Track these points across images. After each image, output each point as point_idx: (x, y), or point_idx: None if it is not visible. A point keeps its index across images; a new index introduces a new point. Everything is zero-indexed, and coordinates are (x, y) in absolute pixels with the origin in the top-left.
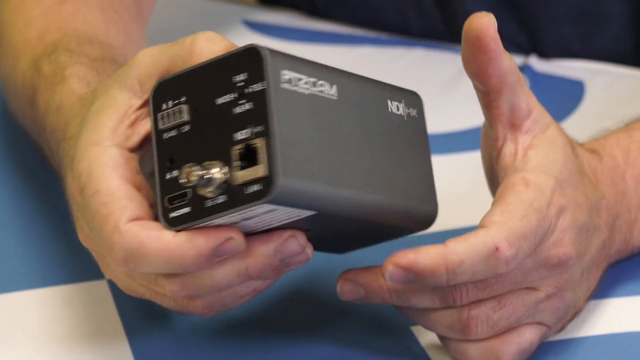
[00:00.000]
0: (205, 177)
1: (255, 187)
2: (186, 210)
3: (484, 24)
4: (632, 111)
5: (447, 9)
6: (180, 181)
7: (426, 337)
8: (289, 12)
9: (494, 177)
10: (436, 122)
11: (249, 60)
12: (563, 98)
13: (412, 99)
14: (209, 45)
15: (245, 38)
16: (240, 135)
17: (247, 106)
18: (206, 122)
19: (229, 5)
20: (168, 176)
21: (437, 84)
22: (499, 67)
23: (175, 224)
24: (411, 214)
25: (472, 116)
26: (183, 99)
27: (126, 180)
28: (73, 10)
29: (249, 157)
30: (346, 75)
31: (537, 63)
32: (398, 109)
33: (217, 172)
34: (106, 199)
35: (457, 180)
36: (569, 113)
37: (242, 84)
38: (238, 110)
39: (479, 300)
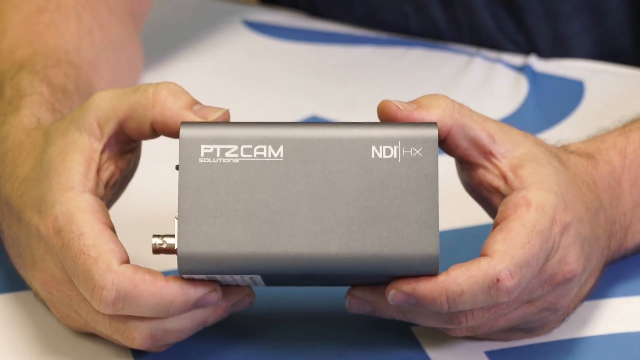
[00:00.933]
0: (158, 245)
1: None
2: None
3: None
4: (631, 111)
5: (448, 5)
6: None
7: (426, 337)
8: (289, 12)
9: (479, 199)
10: None
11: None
12: (563, 98)
13: (418, 136)
14: (171, 99)
15: (245, 38)
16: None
17: (177, 182)
18: None
19: (229, 5)
20: None
21: (437, 83)
22: (428, 117)
23: None
24: (392, 260)
25: None
26: None
27: (107, 226)
28: (48, 22)
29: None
30: (306, 130)
31: (536, 63)
32: (389, 153)
33: (160, 243)
34: (93, 241)
35: (457, 180)
36: (569, 113)
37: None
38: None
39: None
